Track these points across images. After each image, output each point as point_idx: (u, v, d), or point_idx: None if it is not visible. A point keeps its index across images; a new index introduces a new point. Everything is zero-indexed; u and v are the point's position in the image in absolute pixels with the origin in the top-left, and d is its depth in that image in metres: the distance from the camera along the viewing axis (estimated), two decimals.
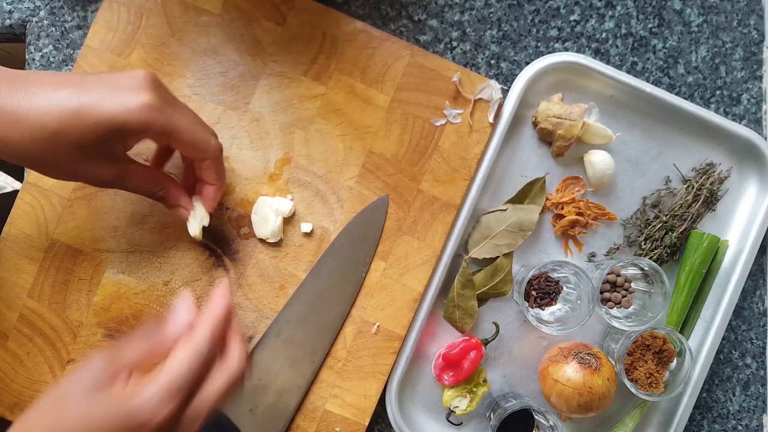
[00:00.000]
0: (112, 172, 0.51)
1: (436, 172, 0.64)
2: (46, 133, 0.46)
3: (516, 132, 0.66)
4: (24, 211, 0.62)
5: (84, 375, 0.44)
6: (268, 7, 0.63)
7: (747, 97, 0.69)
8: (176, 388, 0.43)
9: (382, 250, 0.64)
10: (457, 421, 0.66)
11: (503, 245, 0.64)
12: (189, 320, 0.47)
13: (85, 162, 0.49)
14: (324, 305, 0.63)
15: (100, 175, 0.51)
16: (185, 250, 0.63)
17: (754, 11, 0.69)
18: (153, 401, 0.42)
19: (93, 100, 0.47)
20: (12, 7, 0.64)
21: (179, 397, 0.43)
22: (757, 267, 0.69)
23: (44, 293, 0.62)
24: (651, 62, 0.68)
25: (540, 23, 0.67)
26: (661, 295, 0.63)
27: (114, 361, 0.44)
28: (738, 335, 0.69)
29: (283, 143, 0.63)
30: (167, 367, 0.44)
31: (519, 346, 0.67)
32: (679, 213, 0.66)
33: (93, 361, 0.44)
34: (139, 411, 0.42)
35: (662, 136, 0.67)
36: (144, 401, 0.42)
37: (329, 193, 0.63)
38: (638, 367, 0.64)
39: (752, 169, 0.68)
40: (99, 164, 0.50)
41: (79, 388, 0.43)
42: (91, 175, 0.51)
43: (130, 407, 0.42)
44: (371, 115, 0.63)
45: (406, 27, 0.66)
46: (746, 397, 0.69)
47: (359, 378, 0.63)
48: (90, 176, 0.51)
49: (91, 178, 0.51)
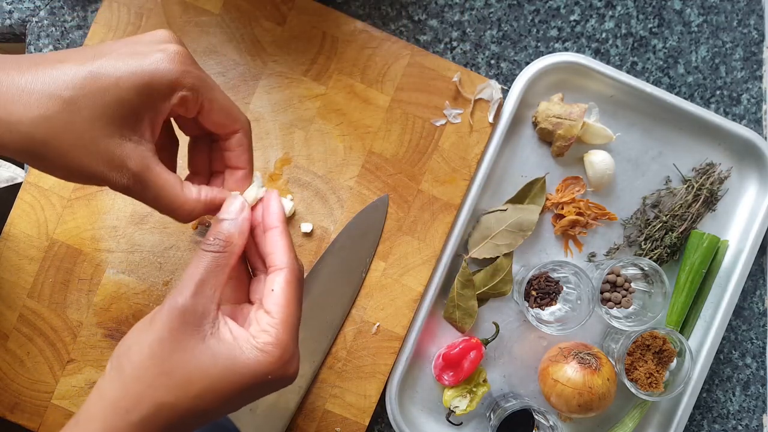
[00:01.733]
0: (139, 159, 0.40)
1: (436, 172, 0.64)
2: (58, 102, 0.38)
3: (516, 132, 0.66)
4: (24, 211, 0.62)
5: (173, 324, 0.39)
6: (268, 7, 0.63)
7: (747, 97, 0.69)
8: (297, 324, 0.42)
9: (382, 250, 0.64)
10: (457, 421, 0.66)
11: (503, 245, 0.64)
12: (248, 224, 0.44)
13: (109, 139, 0.39)
14: (324, 305, 0.63)
15: (125, 161, 0.40)
16: (185, 250, 0.63)
17: (754, 11, 0.69)
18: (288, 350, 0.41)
19: (112, 58, 0.39)
20: (12, 7, 0.64)
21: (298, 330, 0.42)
22: (757, 267, 0.69)
23: (44, 293, 0.62)
24: (651, 62, 0.68)
25: (540, 23, 0.67)
26: (661, 295, 0.63)
27: (199, 298, 0.40)
28: (738, 335, 0.69)
29: (283, 143, 0.63)
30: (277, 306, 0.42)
31: (519, 346, 0.67)
32: (679, 213, 0.66)
33: (175, 304, 0.40)
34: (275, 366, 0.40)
35: (662, 136, 0.67)
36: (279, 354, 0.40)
37: (329, 193, 0.63)
38: (638, 367, 0.64)
39: (752, 169, 0.68)
40: (126, 146, 0.40)
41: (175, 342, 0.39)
42: (113, 161, 0.39)
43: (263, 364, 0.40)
44: (371, 115, 0.63)
45: (406, 27, 0.66)
46: (746, 397, 0.69)
47: (359, 378, 0.63)
48: (109, 164, 0.39)
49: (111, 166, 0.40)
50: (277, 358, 0.40)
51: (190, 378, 0.39)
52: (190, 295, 0.40)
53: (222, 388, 0.40)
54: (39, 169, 0.41)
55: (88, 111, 0.38)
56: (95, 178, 0.40)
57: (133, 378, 0.39)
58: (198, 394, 0.39)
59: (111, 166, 0.40)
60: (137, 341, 0.40)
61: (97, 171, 0.40)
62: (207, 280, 0.41)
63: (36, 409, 0.62)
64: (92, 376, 0.62)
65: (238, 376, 0.40)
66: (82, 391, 0.62)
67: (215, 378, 0.39)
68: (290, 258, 0.43)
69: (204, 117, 0.44)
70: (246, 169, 0.47)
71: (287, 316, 0.42)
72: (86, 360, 0.62)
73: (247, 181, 0.47)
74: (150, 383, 0.39)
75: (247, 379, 0.40)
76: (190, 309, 0.40)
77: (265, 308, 0.42)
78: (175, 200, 0.43)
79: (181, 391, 0.39)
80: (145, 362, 0.39)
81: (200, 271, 0.41)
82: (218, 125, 0.45)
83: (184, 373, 0.39)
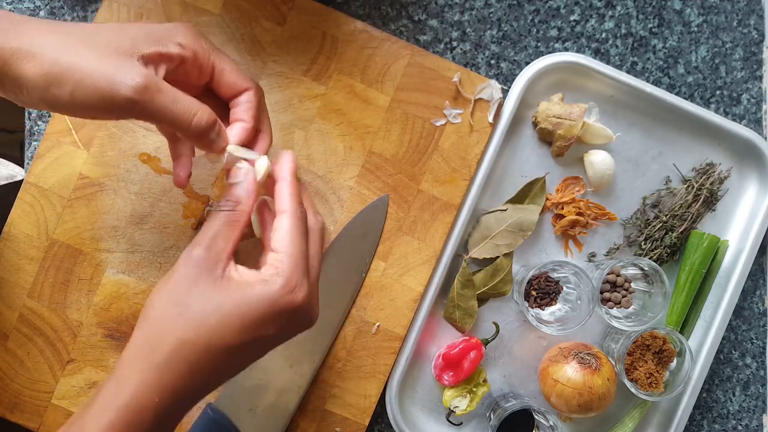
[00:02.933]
0: (141, 75, 0.43)
1: (436, 172, 0.64)
2: (81, 30, 0.44)
3: (516, 132, 0.66)
4: (24, 211, 0.62)
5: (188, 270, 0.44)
6: (268, 7, 0.63)
7: (747, 97, 0.69)
8: (302, 257, 0.45)
9: (382, 250, 0.64)
10: (457, 421, 0.66)
11: (503, 245, 0.64)
12: (254, 186, 0.48)
13: (116, 58, 0.43)
14: (324, 305, 0.63)
15: (127, 78, 0.42)
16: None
17: (754, 11, 0.69)
18: (293, 278, 0.44)
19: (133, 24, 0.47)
20: (12, 7, 0.64)
21: (305, 264, 0.46)
22: (757, 267, 0.69)
23: (44, 293, 0.62)
24: (651, 62, 0.68)
25: (540, 23, 0.67)
26: (661, 295, 0.63)
27: (212, 249, 0.45)
28: (738, 335, 0.69)
29: (283, 143, 0.63)
30: (281, 242, 0.45)
31: (519, 346, 0.67)
32: (679, 213, 0.66)
33: (190, 255, 0.44)
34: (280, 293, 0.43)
35: (662, 136, 0.67)
36: (282, 282, 0.44)
37: (329, 193, 0.63)
38: (638, 367, 0.64)
39: (752, 169, 0.68)
40: (130, 64, 0.43)
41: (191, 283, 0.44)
42: (118, 76, 0.42)
43: (269, 292, 0.43)
44: (371, 115, 0.63)
45: (406, 27, 0.66)
46: (746, 397, 0.69)
47: (359, 378, 0.63)
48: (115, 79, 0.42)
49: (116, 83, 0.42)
50: (280, 286, 0.44)
51: (204, 313, 0.43)
52: (204, 247, 0.45)
53: (233, 321, 0.43)
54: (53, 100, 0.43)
55: (106, 38, 0.44)
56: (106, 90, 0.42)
57: (155, 319, 0.44)
58: (213, 328, 0.43)
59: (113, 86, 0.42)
60: (158, 291, 0.45)
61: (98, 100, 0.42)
62: (219, 234, 0.45)
63: (36, 409, 0.62)
64: (92, 376, 0.62)
65: (246, 308, 0.43)
66: (82, 391, 0.62)
67: (226, 312, 0.43)
68: (294, 203, 0.47)
69: (216, 82, 0.49)
70: (249, 124, 0.50)
71: (291, 249, 0.45)
72: (86, 360, 0.62)
73: (247, 135, 0.50)
74: (170, 321, 0.43)
75: (255, 310, 0.43)
76: (204, 256, 0.44)
77: (271, 248, 0.46)
78: (191, 107, 0.45)
79: (198, 325, 0.43)
80: (165, 305, 0.44)
81: (213, 227, 0.46)
82: (229, 87, 0.50)
83: (198, 308, 0.43)
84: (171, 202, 0.62)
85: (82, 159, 0.62)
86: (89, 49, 0.43)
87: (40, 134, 0.64)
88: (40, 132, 0.64)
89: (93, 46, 0.43)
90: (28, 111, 0.64)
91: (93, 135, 0.62)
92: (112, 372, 0.43)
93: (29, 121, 0.64)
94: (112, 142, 0.62)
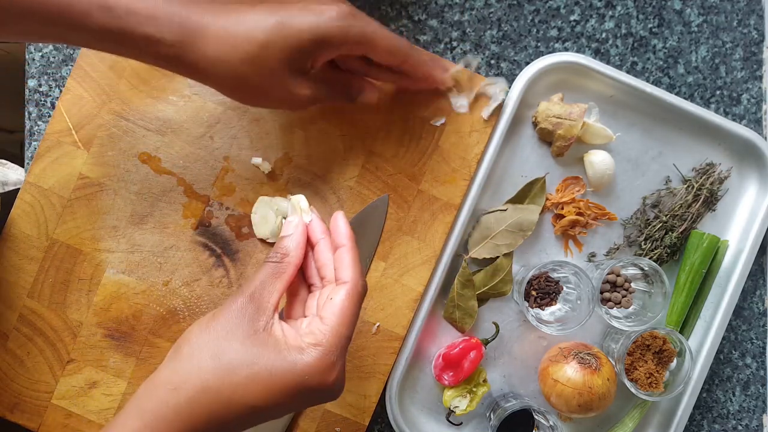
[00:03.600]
0: (310, 87, 0.52)
1: (436, 172, 0.64)
2: (254, 46, 0.48)
3: (516, 132, 0.66)
4: (24, 211, 0.62)
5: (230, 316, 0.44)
6: None
7: (747, 97, 0.69)
8: (345, 337, 0.45)
9: (382, 250, 0.64)
10: (457, 421, 0.66)
11: (503, 245, 0.64)
12: (304, 239, 0.49)
13: (288, 78, 0.50)
14: None
15: (301, 92, 0.51)
16: (185, 250, 0.63)
17: (754, 11, 0.69)
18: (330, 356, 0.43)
19: (294, 11, 0.49)
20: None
21: (347, 344, 0.45)
22: (757, 267, 0.69)
23: (44, 293, 0.62)
24: (651, 62, 0.68)
25: (540, 23, 0.67)
26: (661, 295, 0.63)
27: (256, 299, 0.45)
28: (738, 335, 0.69)
29: (283, 143, 0.63)
30: (332, 315, 0.45)
31: (519, 346, 0.67)
32: (679, 213, 0.66)
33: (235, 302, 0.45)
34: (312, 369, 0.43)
35: (662, 136, 0.67)
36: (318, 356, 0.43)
37: (329, 193, 0.63)
38: (638, 367, 0.64)
39: (752, 169, 0.68)
40: (300, 80, 0.51)
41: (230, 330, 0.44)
42: (293, 92, 0.51)
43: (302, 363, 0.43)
44: (371, 115, 0.63)
45: (406, 27, 0.66)
46: (746, 397, 0.69)
47: (359, 378, 0.63)
48: (291, 94, 0.51)
49: (292, 96, 0.51)
50: (316, 359, 0.43)
51: (234, 364, 0.43)
52: (249, 294, 0.45)
53: (260, 383, 0.42)
54: (233, 97, 0.52)
55: (277, 52, 0.48)
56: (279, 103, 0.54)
57: (186, 356, 0.44)
58: (239, 383, 0.42)
59: (290, 97, 0.51)
60: (199, 328, 0.45)
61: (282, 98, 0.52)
62: (266, 284, 0.46)
63: (36, 409, 0.62)
64: (92, 376, 0.62)
65: (276, 374, 0.43)
66: (82, 391, 0.62)
67: (257, 370, 0.42)
68: (356, 273, 0.47)
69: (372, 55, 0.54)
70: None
71: (338, 325, 0.45)
72: (86, 360, 0.62)
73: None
74: (199, 363, 0.43)
75: (283, 379, 0.43)
76: (248, 305, 0.45)
77: (319, 315, 0.45)
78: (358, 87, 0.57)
79: (225, 375, 0.42)
80: (200, 344, 0.44)
81: (261, 277, 0.46)
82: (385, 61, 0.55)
83: (231, 359, 0.43)
84: (171, 202, 0.62)
85: (82, 159, 0.62)
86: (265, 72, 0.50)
87: (40, 134, 0.64)
88: (40, 132, 0.64)
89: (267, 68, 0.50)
90: (28, 111, 0.64)
91: (93, 135, 0.62)
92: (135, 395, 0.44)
93: (29, 121, 0.64)
94: (112, 142, 0.62)
